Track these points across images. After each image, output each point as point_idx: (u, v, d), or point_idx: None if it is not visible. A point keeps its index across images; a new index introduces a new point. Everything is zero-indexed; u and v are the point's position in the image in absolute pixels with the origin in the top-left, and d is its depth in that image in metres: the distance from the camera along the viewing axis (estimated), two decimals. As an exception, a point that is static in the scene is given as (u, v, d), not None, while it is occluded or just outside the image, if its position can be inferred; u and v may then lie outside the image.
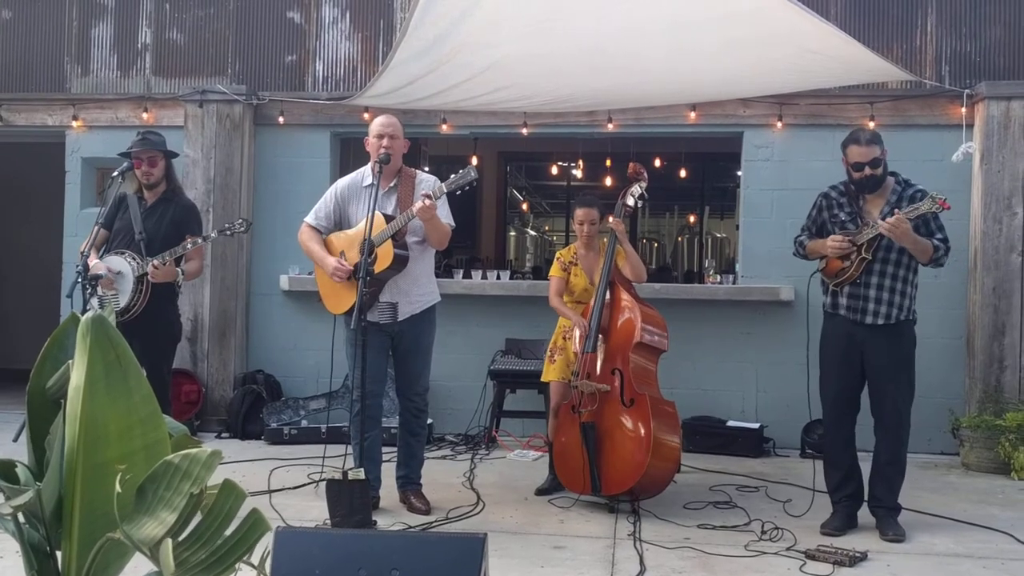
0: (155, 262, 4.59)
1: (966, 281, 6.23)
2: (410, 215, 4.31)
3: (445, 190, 4.30)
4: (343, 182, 4.71)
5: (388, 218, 4.39)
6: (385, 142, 4.46)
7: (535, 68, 5.29)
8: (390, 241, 4.34)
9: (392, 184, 4.56)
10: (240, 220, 5.02)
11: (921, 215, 4.14)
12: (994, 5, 6.33)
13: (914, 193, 4.30)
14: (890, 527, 4.26)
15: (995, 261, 6.05)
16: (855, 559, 3.85)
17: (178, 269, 4.71)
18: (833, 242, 4.30)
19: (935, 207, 4.09)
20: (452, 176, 4.31)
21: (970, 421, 5.84)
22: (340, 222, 4.65)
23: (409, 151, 4.75)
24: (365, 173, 4.63)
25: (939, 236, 4.27)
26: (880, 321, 4.29)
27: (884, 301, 4.28)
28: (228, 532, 1.83)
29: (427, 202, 4.21)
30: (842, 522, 4.34)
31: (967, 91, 6.15)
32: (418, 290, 4.56)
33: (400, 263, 4.39)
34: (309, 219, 4.67)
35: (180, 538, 1.76)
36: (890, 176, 4.37)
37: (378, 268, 4.31)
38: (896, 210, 4.19)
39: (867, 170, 4.28)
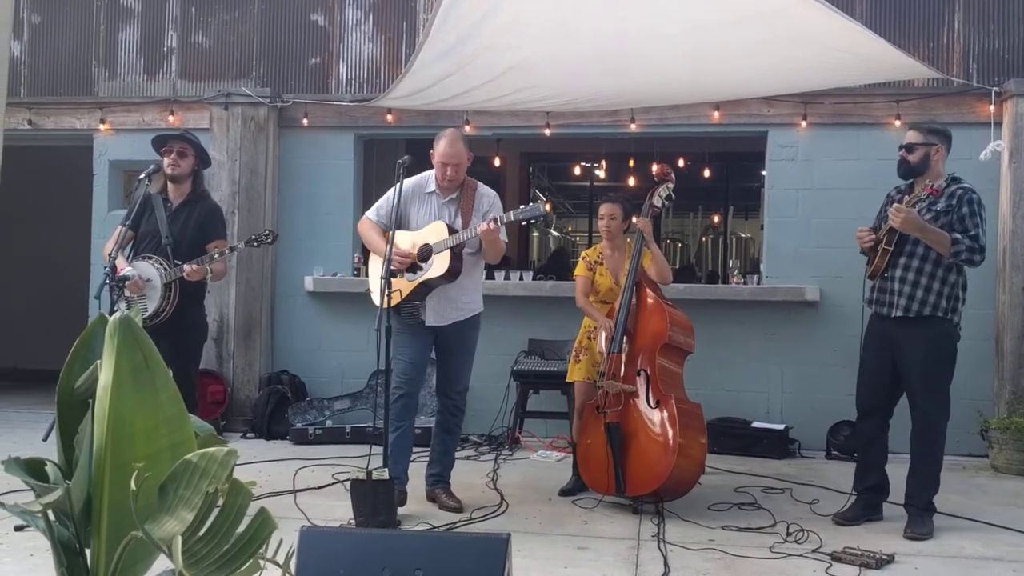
0: (192, 266, 4.64)
1: (995, 281, 6.15)
2: (472, 232, 4.41)
3: (512, 219, 4.42)
4: (409, 183, 4.72)
5: (451, 230, 4.47)
6: (449, 172, 4.54)
7: (557, 69, 5.29)
8: (448, 251, 4.42)
9: (454, 195, 4.64)
10: (267, 231, 5.03)
11: (919, 201, 4.24)
12: (1023, 1, 6.25)
13: (955, 190, 4.31)
14: (912, 525, 4.29)
15: (1024, 260, 5.97)
16: (882, 561, 3.81)
17: (207, 268, 4.76)
18: (859, 233, 4.47)
19: (922, 193, 4.22)
20: (521, 207, 4.45)
21: (999, 423, 5.77)
22: (400, 222, 4.69)
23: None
24: (429, 178, 4.70)
25: (971, 234, 4.21)
26: (900, 313, 4.33)
27: (905, 294, 4.32)
28: (240, 530, 1.85)
29: (492, 226, 4.34)
30: (855, 513, 4.48)
31: (995, 89, 6.08)
32: (465, 298, 4.66)
33: (452, 274, 4.47)
34: (371, 214, 4.76)
35: (198, 535, 1.78)
36: (950, 175, 4.41)
37: (432, 275, 4.42)
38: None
39: (902, 151, 4.43)
